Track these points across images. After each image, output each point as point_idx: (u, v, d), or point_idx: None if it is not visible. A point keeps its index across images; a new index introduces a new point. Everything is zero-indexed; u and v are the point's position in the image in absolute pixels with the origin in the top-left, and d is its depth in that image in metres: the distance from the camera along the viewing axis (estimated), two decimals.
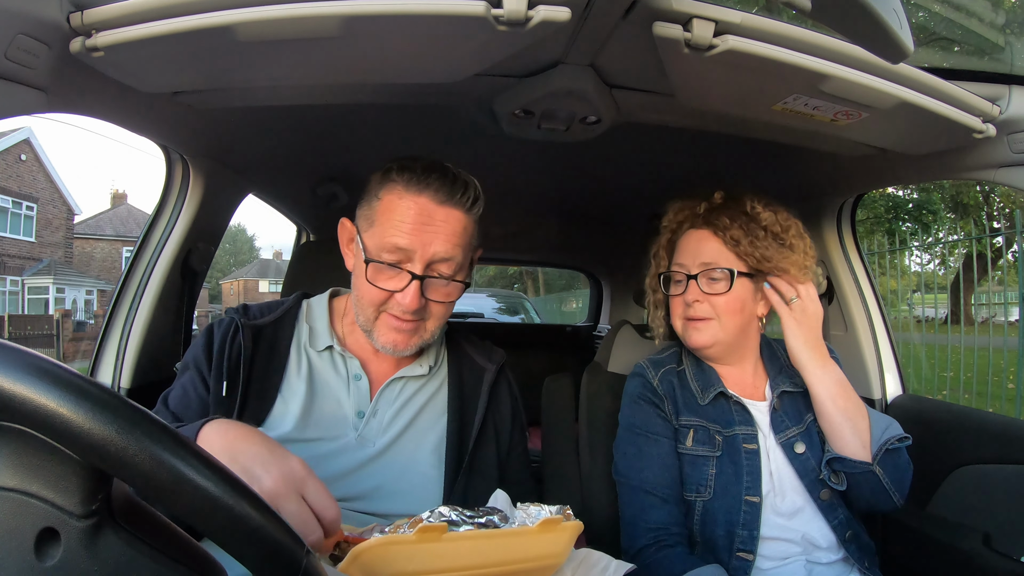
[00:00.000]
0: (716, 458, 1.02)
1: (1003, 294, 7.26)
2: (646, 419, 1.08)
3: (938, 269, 11.27)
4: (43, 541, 0.31)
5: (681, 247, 1.10)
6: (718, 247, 1.04)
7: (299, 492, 0.60)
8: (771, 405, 1.06)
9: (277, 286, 30.75)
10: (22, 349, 0.30)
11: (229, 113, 1.11)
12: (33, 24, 0.67)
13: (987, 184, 9.41)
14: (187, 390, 0.85)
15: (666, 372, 1.12)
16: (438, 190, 0.83)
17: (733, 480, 1.00)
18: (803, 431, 1.04)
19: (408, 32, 0.73)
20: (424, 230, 0.83)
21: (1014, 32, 1.08)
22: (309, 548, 0.36)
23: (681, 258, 1.08)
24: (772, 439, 1.04)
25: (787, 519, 1.00)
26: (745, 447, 1.02)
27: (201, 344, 0.88)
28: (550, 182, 1.79)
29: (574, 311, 13.96)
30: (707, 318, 1.04)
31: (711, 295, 1.03)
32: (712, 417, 1.05)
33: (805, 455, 1.02)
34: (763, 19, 0.73)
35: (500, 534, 0.60)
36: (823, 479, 1.00)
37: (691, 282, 1.05)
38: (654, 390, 1.10)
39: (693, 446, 1.04)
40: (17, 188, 18.15)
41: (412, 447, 0.90)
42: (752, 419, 1.05)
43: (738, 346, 1.09)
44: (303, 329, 0.93)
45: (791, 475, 1.02)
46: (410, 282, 0.83)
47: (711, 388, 1.07)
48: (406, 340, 0.87)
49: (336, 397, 0.89)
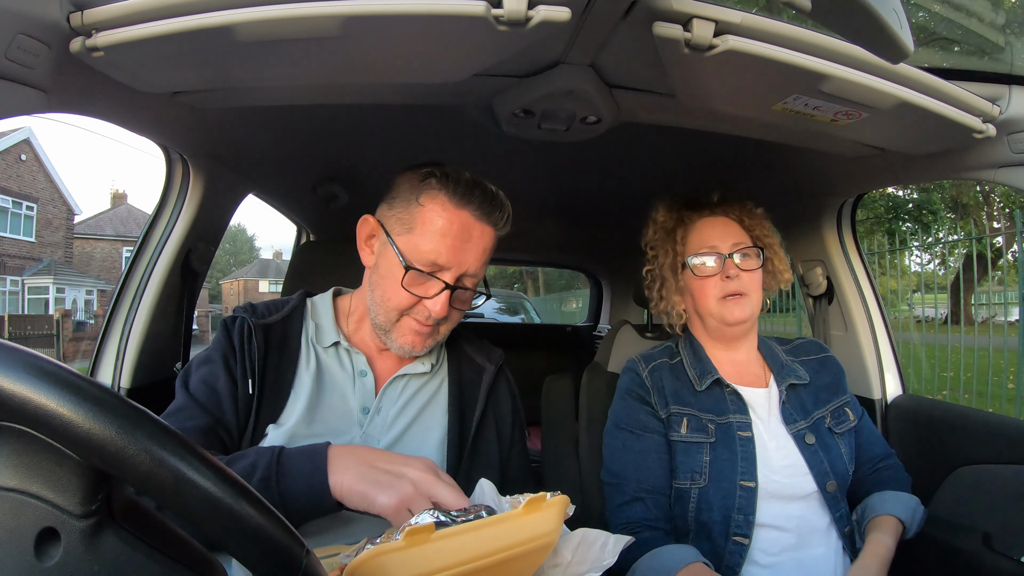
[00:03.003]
0: (710, 444, 1.05)
1: (1003, 294, 7.26)
2: (631, 414, 1.12)
3: (938, 269, 11.27)
4: (43, 541, 0.31)
5: (701, 232, 1.14)
6: (738, 230, 1.13)
7: (439, 478, 0.71)
8: (780, 399, 1.09)
9: (277, 286, 30.75)
10: (22, 349, 0.30)
11: (229, 113, 1.11)
12: (33, 24, 0.67)
13: (987, 184, 9.43)
14: (212, 385, 0.84)
15: (657, 365, 1.15)
16: (479, 207, 0.86)
17: (728, 466, 1.02)
18: (810, 424, 1.08)
19: (408, 32, 0.73)
20: (463, 247, 0.85)
21: (1014, 32, 1.08)
22: (309, 548, 0.36)
23: (708, 241, 1.13)
24: (775, 426, 1.07)
25: (786, 503, 1.02)
26: (740, 434, 1.05)
27: (224, 339, 0.88)
28: (550, 182, 1.79)
29: (574, 311, 13.96)
30: (745, 293, 1.09)
31: (745, 271, 1.10)
32: (705, 406, 1.08)
33: (814, 447, 1.05)
34: (763, 19, 0.73)
35: (488, 523, 0.60)
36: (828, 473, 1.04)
37: (728, 260, 1.10)
38: (642, 383, 1.13)
39: (687, 433, 1.07)
40: (17, 188, 18.14)
41: (416, 446, 0.91)
42: (746, 406, 1.08)
43: (754, 325, 1.16)
44: (310, 326, 0.94)
45: (801, 462, 1.04)
46: (442, 291, 0.85)
47: (707, 375, 1.10)
48: (423, 342, 0.90)
49: (342, 392, 0.90)
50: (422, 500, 0.68)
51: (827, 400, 1.12)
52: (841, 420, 1.11)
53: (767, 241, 1.15)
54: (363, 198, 1.67)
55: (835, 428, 1.09)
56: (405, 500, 0.68)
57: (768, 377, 1.14)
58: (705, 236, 1.14)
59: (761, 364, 1.17)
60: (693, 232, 1.16)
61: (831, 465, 1.04)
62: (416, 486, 0.69)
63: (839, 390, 1.15)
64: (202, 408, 0.82)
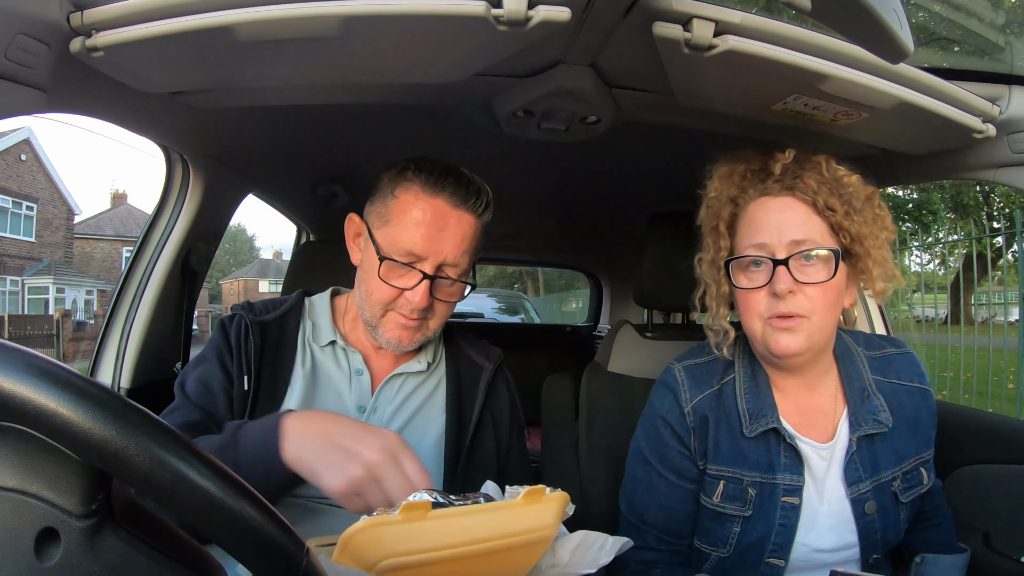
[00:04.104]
0: (745, 518, 0.85)
1: (1003, 294, 7.27)
2: (664, 452, 0.91)
3: (938, 269, 11.28)
4: (43, 541, 0.31)
5: (753, 221, 0.84)
6: (807, 218, 0.80)
7: (397, 463, 0.64)
8: (848, 451, 0.85)
9: (277, 286, 30.73)
10: (22, 349, 0.30)
11: (229, 113, 1.11)
12: (33, 24, 0.67)
13: (987, 184, 9.42)
14: (208, 383, 0.85)
15: (704, 399, 0.89)
16: (453, 193, 0.85)
17: (759, 542, 0.84)
18: (875, 487, 0.85)
19: (408, 32, 0.73)
20: (438, 236, 0.84)
21: (1014, 32, 1.08)
22: (309, 548, 0.36)
23: (757, 236, 0.82)
24: (831, 487, 0.86)
25: (819, 571, 0.86)
26: (784, 500, 0.84)
27: (221, 337, 0.89)
28: (550, 182, 1.79)
29: (574, 311, 13.95)
30: (801, 315, 0.79)
31: (806, 284, 0.79)
32: (751, 460, 0.85)
33: (872, 517, 0.85)
34: (763, 19, 0.73)
35: (486, 508, 0.61)
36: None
37: (779, 268, 0.79)
38: (682, 420, 0.89)
39: (720, 502, 0.86)
40: (17, 188, 18.14)
41: (412, 444, 0.89)
42: (802, 465, 0.84)
43: (823, 352, 0.86)
44: (307, 325, 0.94)
45: (851, 534, 0.85)
46: (420, 281, 0.84)
47: (762, 419, 0.85)
48: (410, 336, 0.89)
49: (338, 391, 0.90)
50: (372, 487, 0.63)
51: (905, 455, 0.87)
52: (913, 484, 0.88)
53: (858, 232, 0.80)
54: (363, 198, 1.66)
55: (902, 496, 0.86)
56: (354, 484, 0.63)
57: (840, 415, 0.87)
58: (755, 227, 0.83)
59: (836, 395, 0.88)
60: (743, 218, 0.85)
61: (883, 539, 0.86)
62: (368, 469, 0.63)
63: (924, 441, 0.89)
64: (195, 405, 0.83)
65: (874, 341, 0.96)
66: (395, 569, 0.55)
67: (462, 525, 0.58)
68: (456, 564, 0.58)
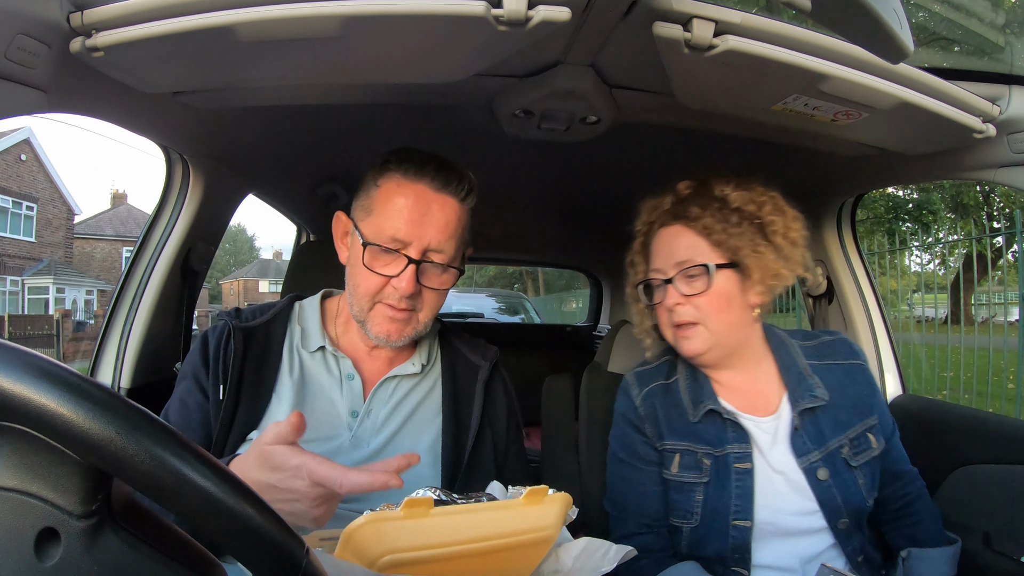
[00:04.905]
0: (703, 484, 0.95)
1: (1003, 294, 7.27)
2: (628, 443, 1.03)
3: (938, 269, 11.27)
4: (43, 541, 0.30)
5: (654, 249, 1.01)
6: (691, 241, 0.96)
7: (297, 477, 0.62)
8: (792, 425, 0.95)
9: (277, 286, 30.74)
10: (22, 349, 0.30)
11: (229, 113, 1.11)
12: (33, 24, 0.67)
13: (987, 184, 9.42)
14: (185, 401, 0.86)
15: (651, 390, 1.03)
16: (435, 178, 0.85)
17: (721, 505, 0.93)
18: (825, 455, 0.94)
19: (408, 32, 0.73)
20: (421, 220, 0.84)
21: (1014, 32, 1.08)
22: (309, 548, 0.36)
23: (656, 262, 1.00)
24: (782, 458, 0.95)
25: (792, 540, 0.94)
26: (736, 467, 0.94)
27: (197, 352, 0.88)
28: (550, 182, 1.79)
29: (574, 311, 13.95)
30: (693, 323, 0.95)
31: (692, 296, 0.94)
32: (702, 436, 0.97)
33: (827, 483, 0.93)
34: (763, 19, 0.73)
35: (488, 507, 0.61)
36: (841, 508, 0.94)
37: (668, 286, 0.96)
38: (635, 410, 1.03)
39: (679, 472, 0.97)
40: (17, 188, 18.15)
41: (407, 447, 0.90)
42: (747, 436, 0.96)
43: (738, 346, 0.99)
44: (295, 331, 0.93)
45: (810, 500, 0.93)
46: (406, 266, 0.84)
47: (702, 403, 0.98)
48: (400, 330, 0.88)
49: (329, 397, 0.89)
50: (326, 506, 0.65)
51: (848, 423, 0.97)
52: (861, 449, 0.96)
53: (735, 244, 0.94)
54: None
55: (852, 460, 0.95)
56: (319, 522, 0.65)
57: (781, 397, 0.99)
58: (655, 254, 1.00)
59: (774, 380, 1.01)
60: (651, 247, 1.02)
61: (845, 502, 0.93)
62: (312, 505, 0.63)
63: (865, 409, 0.99)
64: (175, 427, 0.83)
65: (810, 334, 1.10)
66: (396, 565, 0.55)
67: (463, 523, 0.58)
68: (457, 562, 0.58)
